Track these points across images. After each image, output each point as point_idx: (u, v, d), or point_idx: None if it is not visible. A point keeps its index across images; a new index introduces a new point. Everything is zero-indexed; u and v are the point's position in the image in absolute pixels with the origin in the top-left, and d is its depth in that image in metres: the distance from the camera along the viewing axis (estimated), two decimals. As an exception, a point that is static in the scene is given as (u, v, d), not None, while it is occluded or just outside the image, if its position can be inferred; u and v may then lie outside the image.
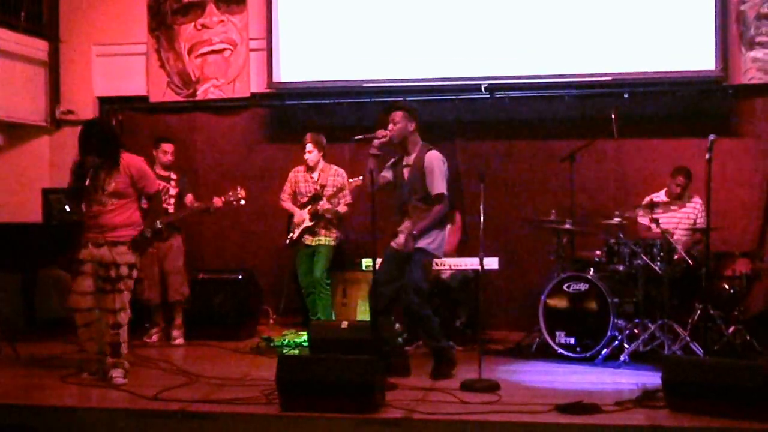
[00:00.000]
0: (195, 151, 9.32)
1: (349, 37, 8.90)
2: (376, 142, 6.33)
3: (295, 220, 8.13)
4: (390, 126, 6.42)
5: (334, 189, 8.04)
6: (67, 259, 6.26)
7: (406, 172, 6.48)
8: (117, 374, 6.19)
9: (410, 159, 6.48)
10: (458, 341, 7.58)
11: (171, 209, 7.94)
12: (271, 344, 7.65)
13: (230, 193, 7.91)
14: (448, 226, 8.10)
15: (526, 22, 8.52)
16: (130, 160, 6.35)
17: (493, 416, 5.17)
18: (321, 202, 7.98)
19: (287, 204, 8.26)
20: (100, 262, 6.20)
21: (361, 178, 7.77)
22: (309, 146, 8.08)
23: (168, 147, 8.06)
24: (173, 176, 8.07)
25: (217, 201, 7.90)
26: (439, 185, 6.37)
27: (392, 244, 6.51)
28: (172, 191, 7.99)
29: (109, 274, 6.20)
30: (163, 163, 8.02)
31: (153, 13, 9.37)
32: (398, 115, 6.43)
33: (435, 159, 6.43)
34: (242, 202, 7.95)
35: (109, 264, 6.20)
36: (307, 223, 8.05)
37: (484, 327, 6.69)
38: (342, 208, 8.09)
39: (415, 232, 6.34)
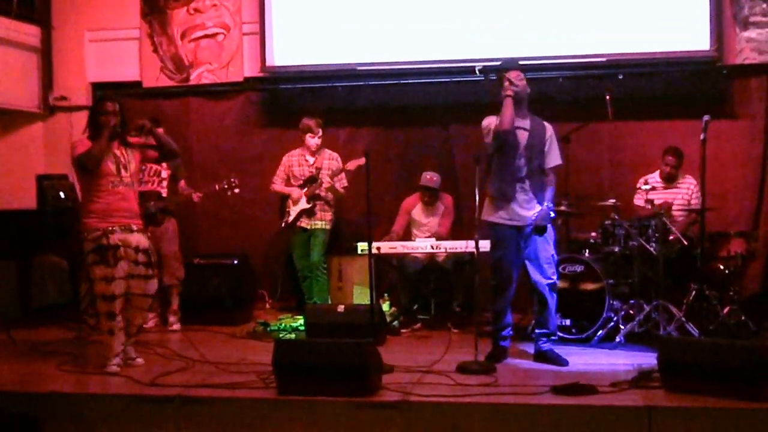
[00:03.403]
0: (189, 135, 9.30)
1: (342, 19, 8.87)
2: (513, 87, 6.15)
3: (293, 197, 8.13)
4: (515, 80, 6.18)
5: (330, 171, 8.05)
6: (99, 246, 6.03)
7: (522, 135, 6.26)
8: (134, 353, 6.30)
9: (525, 123, 6.28)
10: (454, 324, 7.62)
11: (164, 192, 7.90)
12: (268, 329, 7.66)
13: (224, 182, 7.89)
14: (443, 209, 8.14)
15: (519, 3, 8.51)
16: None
17: (490, 398, 5.18)
18: (323, 179, 7.97)
19: (279, 186, 8.28)
20: (137, 247, 6.14)
21: (363, 159, 7.75)
22: (320, 131, 8.11)
23: (159, 131, 7.96)
24: None
25: (196, 197, 7.90)
26: (560, 156, 6.42)
27: (515, 223, 6.25)
28: (164, 173, 7.92)
29: (150, 260, 6.23)
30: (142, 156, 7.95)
31: (145, -2, 9.35)
32: (520, 74, 6.26)
33: (553, 130, 6.45)
34: (236, 190, 7.92)
35: (148, 249, 6.22)
36: (304, 205, 8.06)
37: (479, 309, 6.69)
38: (340, 190, 8.11)
39: (551, 204, 6.29)
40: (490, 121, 6.31)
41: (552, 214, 6.32)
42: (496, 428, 5.00)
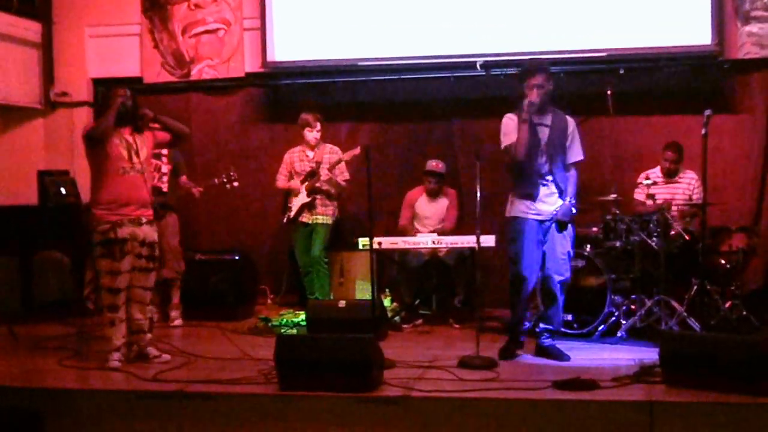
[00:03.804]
0: (190, 131, 9.25)
1: (344, 15, 8.83)
2: (531, 109, 6.07)
3: (294, 191, 8.12)
4: (536, 90, 6.12)
5: (330, 165, 8.03)
6: (107, 240, 6.05)
7: (543, 132, 6.20)
8: (156, 351, 6.29)
9: (546, 119, 6.23)
10: (456, 319, 7.63)
11: (164, 187, 7.88)
12: (269, 324, 7.66)
13: (223, 176, 7.89)
14: (447, 203, 8.12)
15: (520, -2, 8.50)
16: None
17: (491, 393, 5.18)
18: (322, 173, 7.96)
19: (283, 183, 8.27)
20: (143, 241, 6.16)
21: (358, 148, 7.74)
22: (318, 125, 8.09)
23: (162, 117, 7.94)
24: (164, 152, 7.89)
25: (197, 192, 7.93)
26: (582, 152, 6.33)
27: (537, 216, 6.17)
28: (165, 168, 7.89)
29: (153, 254, 6.26)
30: (154, 142, 7.93)
31: (146, -7, 9.33)
32: (544, 77, 6.20)
33: (575, 124, 6.33)
34: (236, 183, 7.93)
35: (153, 243, 6.25)
36: (304, 199, 8.05)
37: (481, 305, 6.69)
38: (341, 182, 8.10)
39: (573, 200, 6.22)
40: (507, 129, 6.22)
41: (573, 210, 6.28)
42: (498, 423, 5.00)
